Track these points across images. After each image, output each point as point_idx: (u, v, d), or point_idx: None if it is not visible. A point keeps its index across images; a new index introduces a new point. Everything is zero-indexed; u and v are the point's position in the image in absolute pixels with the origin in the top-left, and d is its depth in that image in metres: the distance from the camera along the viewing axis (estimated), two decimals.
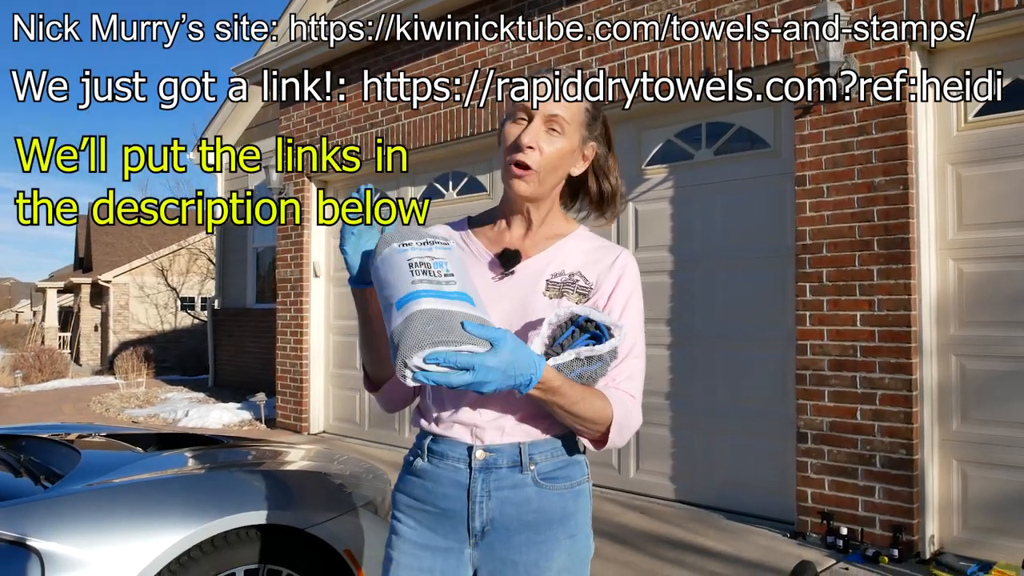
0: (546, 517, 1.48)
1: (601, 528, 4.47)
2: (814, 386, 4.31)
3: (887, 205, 4.07)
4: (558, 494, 1.49)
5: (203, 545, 2.33)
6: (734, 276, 4.91)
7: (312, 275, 7.96)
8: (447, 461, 1.49)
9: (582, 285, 1.52)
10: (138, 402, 10.92)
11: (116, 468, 2.69)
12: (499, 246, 1.57)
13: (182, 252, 22.18)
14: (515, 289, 1.52)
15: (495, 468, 1.47)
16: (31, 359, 15.96)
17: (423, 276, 1.31)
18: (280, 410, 8.20)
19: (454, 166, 6.81)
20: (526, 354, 1.29)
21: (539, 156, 1.49)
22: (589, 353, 1.38)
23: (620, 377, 1.49)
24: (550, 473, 1.49)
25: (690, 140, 5.21)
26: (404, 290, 1.30)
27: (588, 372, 1.41)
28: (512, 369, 1.26)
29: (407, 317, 1.26)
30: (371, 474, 3.13)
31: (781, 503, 4.55)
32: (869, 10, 4.16)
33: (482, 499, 1.47)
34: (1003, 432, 3.89)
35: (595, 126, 1.57)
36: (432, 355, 1.22)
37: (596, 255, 1.56)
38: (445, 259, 1.35)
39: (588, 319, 1.41)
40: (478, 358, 1.22)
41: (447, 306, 1.27)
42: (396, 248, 1.36)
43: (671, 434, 5.15)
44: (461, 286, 1.33)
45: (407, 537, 1.53)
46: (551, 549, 1.48)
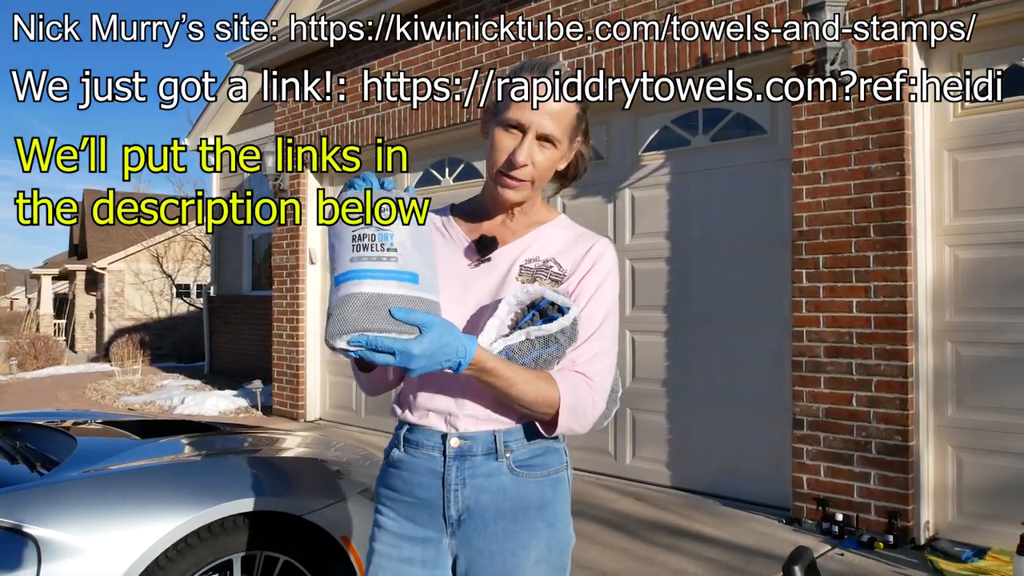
0: (523, 505, 1.48)
1: (597, 514, 4.49)
2: (810, 372, 4.31)
3: (883, 191, 4.07)
4: (535, 482, 1.49)
5: (200, 532, 2.33)
6: (731, 262, 4.91)
7: (308, 262, 7.94)
8: (422, 450, 1.50)
9: (555, 272, 1.51)
10: (134, 389, 10.92)
11: (112, 455, 2.68)
12: (478, 233, 1.57)
13: (177, 239, 22.11)
14: (490, 275, 1.52)
15: (469, 456, 1.47)
16: (26, 346, 15.95)
17: (363, 252, 1.29)
18: (276, 397, 8.20)
19: (450, 152, 6.79)
20: (454, 338, 1.30)
21: (532, 171, 1.49)
22: (539, 333, 1.39)
23: (581, 359, 1.47)
24: (526, 461, 1.49)
25: (687, 126, 5.19)
26: (343, 266, 1.31)
27: (544, 355, 1.41)
28: (438, 355, 1.28)
29: (342, 298, 1.28)
30: (367, 461, 3.13)
31: (777, 489, 4.57)
32: (867, 1, 4.14)
33: (457, 487, 1.47)
34: (998, 418, 3.90)
35: (582, 122, 1.57)
36: (355, 339, 1.25)
37: (574, 243, 1.56)
38: (392, 231, 1.31)
39: (551, 302, 1.41)
40: (400, 343, 1.25)
41: (380, 288, 1.27)
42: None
43: (667, 421, 5.16)
44: (403, 263, 1.30)
45: (388, 528, 1.54)
46: (528, 538, 1.48)
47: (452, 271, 1.52)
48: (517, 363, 1.40)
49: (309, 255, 7.94)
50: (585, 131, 1.61)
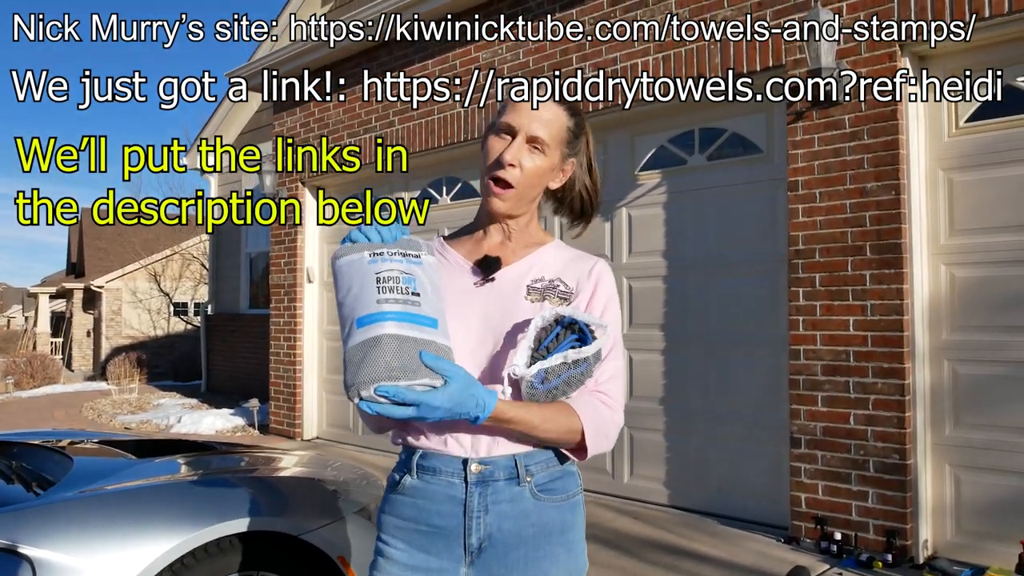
0: (545, 531, 1.46)
1: (595, 534, 4.47)
2: (807, 391, 4.32)
3: (879, 211, 4.09)
4: (556, 506, 1.48)
5: (196, 552, 2.32)
6: (727, 281, 4.92)
7: (306, 280, 7.94)
8: (440, 476, 1.46)
9: (563, 290, 1.53)
10: (131, 408, 10.88)
11: (108, 475, 2.68)
12: (477, 255, 1.57)
13: (175, 257, 22.12)
14: (496, 295, 1.52)
15: (492, 481, 1.44)
16: (23, 365, 15.88)
17: (390, 295, 1.27)
18: (273, 416, 8.18)
19: (448, 171, 6.81)
20: (475, 392, 1.31)
21: (519, 174, 1.50)
22: (576, 356, 1.39)
23: (602, 379, 1.49)
24: (547, 485, 1.48)
25: (683, 146, 5.22)
26: (368, 307, 1.27)
27: (575, 375, 1.41)
28: (459, 407, 1.29)
29: (367, 341, 1.24)
30: (365, 480, 3.13)
31: (775, 508, 4.56)
32: (860, 16, 4.18)
33: (479, 514, 1.44)
34: (996, 436, 3.90)
35: (576, 143, 1.59)
36: (383, 388, 1.22)
37: (574, 263, 1.58)
38: (414, 275, 1.31)
39: (573, 320, 1.42)
40: (425, 396, 1.25)
41: (409, 332, 1.25)
42: (367, 257, 1.32)
43: (665, 439, 5.15)
44: (426, 308, 1.29)
45: (396, 559, 1.48)
46: (549, 565, 1.46)
47: (455, 293, 1.50)
48: (551, 384, 1.39)
49: (307, 273, 7.94)
50: (585, 158, 1.64)
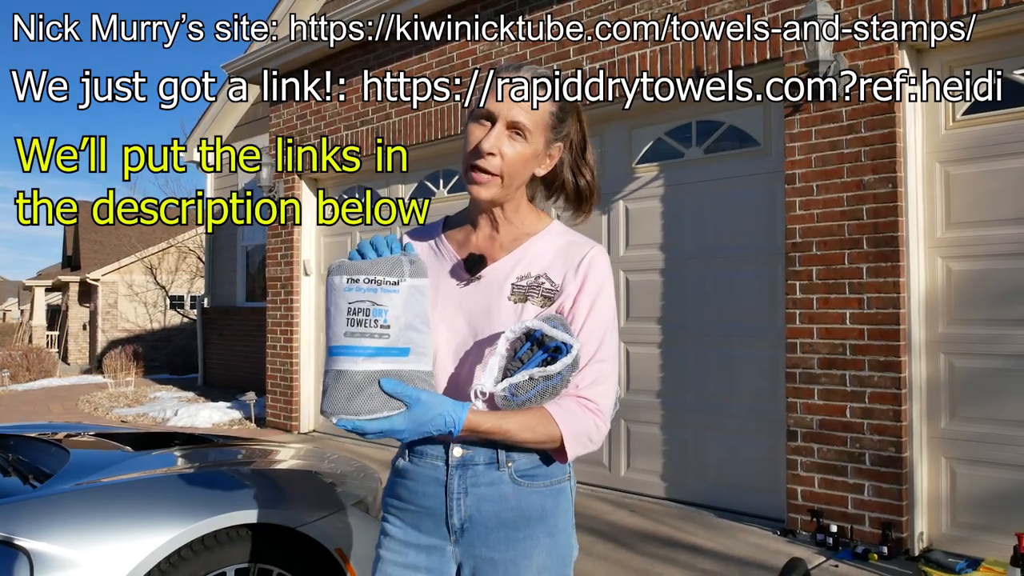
0: (524, 515, 1.49)
1: (592, 526, 4.48)
2: (804, 384, 4.33)
3: (876, 203, 4.09)
4: (536, 492, 1.50)
5: (193, 544, 2.32)
6: (724, 274, 4.92)
7: (303, 273, 7.93)
8: (426, 459, 1.52)
9: (547, 288, 1.50)
10: (127, 401, 10.87)
11: (105, 467, 2.67)
12: (467, 249, 1.56)
13: (171, 250, 22.05)
14: (481, 295, 1.51)
15: (472, 465, 1.48)
16: (19, 358, 15.86)
17: (357, 328, 1.33)
18: (270, 409, 8.18)
19: (445, 164, 6.81)
20: (442, 411, 1.35)
21: (500, 162, 1.47)
22: (542, 373, 1.39)
23: (583, 384, 1.47)
24: (528, 471, 1.50)
25: (680, 138, 5.22)
26: (336, 338, 1.35)
27: (548, 387, 1.41)
28: (424, 427, 1.34)
29: (333, 372, 1.34)
30: (361, 472, 3.13)
31: (771, 501, 4.57)
32: (859, 9, 4.17)
33: (459, 496, 1.49)
34: (991, 429, 3.91)
35: (562, 128, 1.55)
36: (342, 422, 1.33)
37: (565, 253, 1.53)
38: (384, 306, 1.34)
39: (543, 334, 1.40)
40: (386, 423, 1.32)
41: (375, 366, 1.33)
42: (344, 283, 1.36)
43: (662, 432, 5.16)
44: (395, 338, 1.34)
45: (394, 535, 1.57)
46: (530, 547, 1.49)
47: (444, 291, 1.53)
48: (521, 398, 1.40)
49: (304, 266, 7.93)
50: (582, 135, 1.61)
